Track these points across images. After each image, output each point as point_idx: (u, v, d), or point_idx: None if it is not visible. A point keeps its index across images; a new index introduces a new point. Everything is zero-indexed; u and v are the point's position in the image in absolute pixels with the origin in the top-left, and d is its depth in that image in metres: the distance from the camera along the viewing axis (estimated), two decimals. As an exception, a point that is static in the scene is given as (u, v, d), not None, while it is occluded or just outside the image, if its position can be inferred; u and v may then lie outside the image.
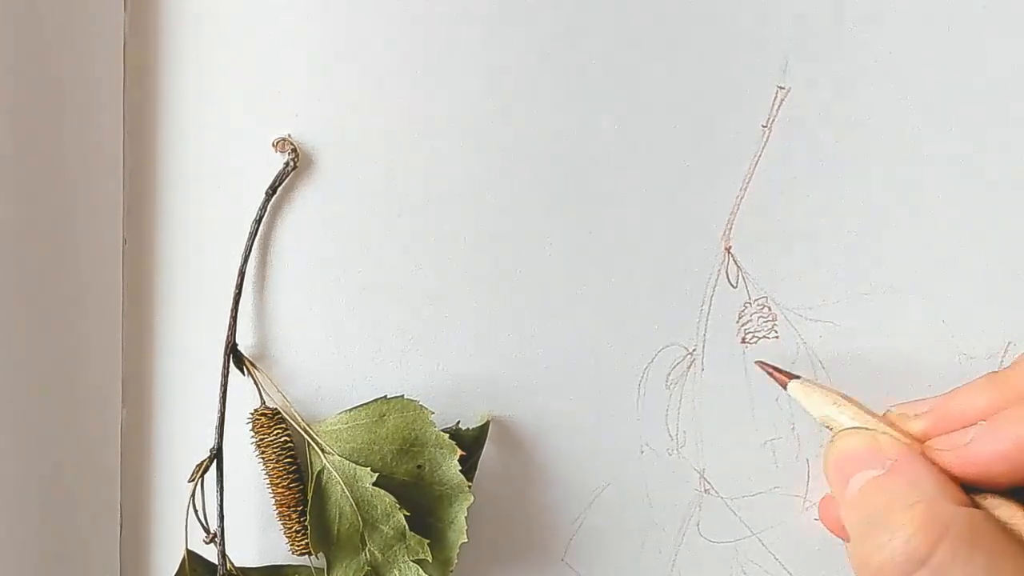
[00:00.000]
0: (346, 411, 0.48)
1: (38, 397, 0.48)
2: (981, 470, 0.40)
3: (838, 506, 0.45)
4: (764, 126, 0.49)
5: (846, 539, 0.43)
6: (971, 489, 0.41)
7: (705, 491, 0.51)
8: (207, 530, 0.48)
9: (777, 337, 0.49)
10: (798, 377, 0.47)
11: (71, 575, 0.50)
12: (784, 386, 0.47)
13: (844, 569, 0.50)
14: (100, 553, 0.51)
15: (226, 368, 0.49)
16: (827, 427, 0.45)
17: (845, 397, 0.45)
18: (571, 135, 0.49)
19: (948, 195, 0.49)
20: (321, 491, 0.47)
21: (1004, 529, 0.39)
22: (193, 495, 0.48)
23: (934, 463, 0.41)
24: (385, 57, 0.49)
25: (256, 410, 0.49)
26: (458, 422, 0.49)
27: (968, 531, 0.38)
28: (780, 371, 0.48)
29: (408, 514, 0.46)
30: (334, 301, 0.50)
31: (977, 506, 0.40)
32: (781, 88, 0.49)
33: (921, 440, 0.43)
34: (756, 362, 0.49)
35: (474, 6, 0.49)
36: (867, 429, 0.44)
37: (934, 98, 0.49)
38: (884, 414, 0.45)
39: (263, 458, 0.49)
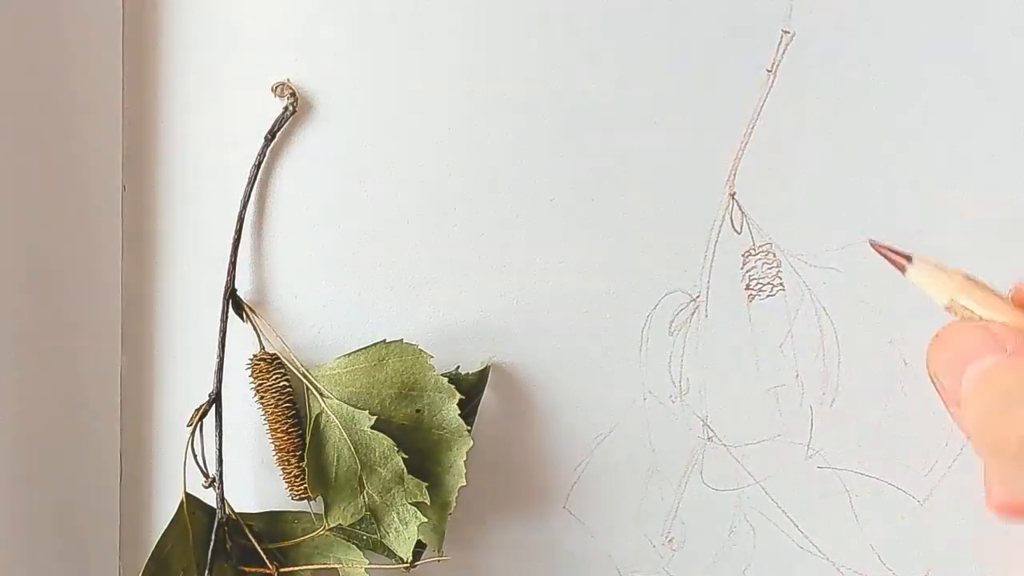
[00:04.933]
0: (345, 355, 0.48)
1: (37, 342, 0.48)
2: None
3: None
4: (768, 71, 0.49)
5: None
6: None
7: (708, 438, 0.50)
8: (206, 474, 0.48)
9: (781, 283, 0.49)
10: (909, 258, 0.45)
11: (72, 519, 0.50)
12: (903, 269, 0.45)
13: (847, 516, 0.50)
14: (101, 497, 0.51)
15: (225, 313, 0.49)
16: (951, 312, 0.44)
17: (969, 279, 0.44)
18: (573, 79, 0.49)
19: (953, 140, 0.48)
20: (319, 434, 0.47)
21: None
22: (192, 439, 0.48)
23: None
24: (384, 1, 0.49)
25: (255, 355, 0.49)
26: (457, 367, 0.49)
27: None
28: (896, 252, 0.46)
29: (406, 457, 0.46)
30: (333, 246, 0.50)
31: None
32: (786, 32, 0.48)
33: None
34: (870, 243, 0.47)
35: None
36: (978, 321, 0.42)
37: (940, 42, 0.48)
38: (1011, 295, 0.44)
39: (262, 403, 0.49)
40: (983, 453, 0.39)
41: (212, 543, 0.48)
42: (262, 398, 0.49)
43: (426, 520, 0.47)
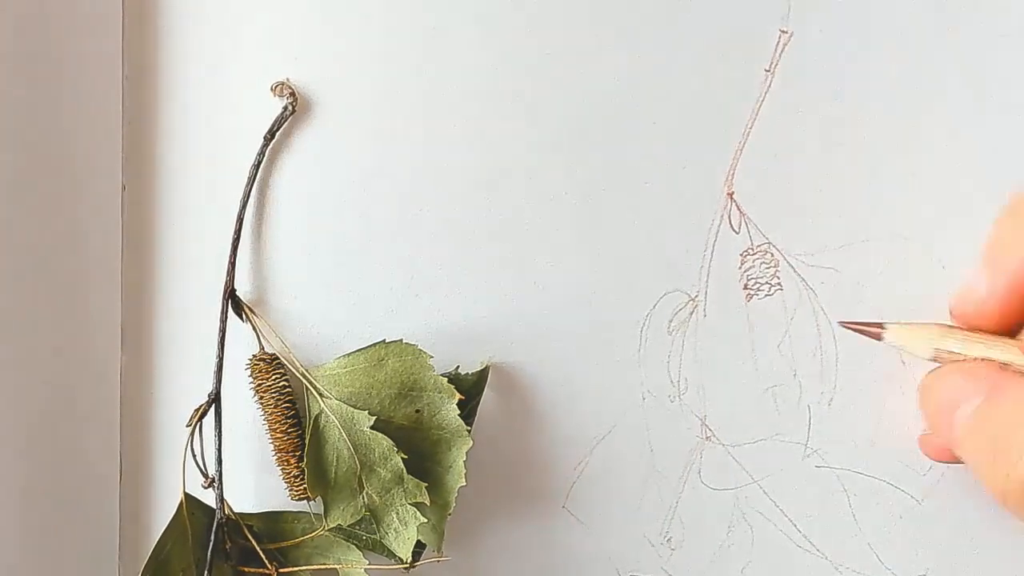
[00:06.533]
0: (344, 355, 0.48)
1: (37, 343, 0.48)
2: None
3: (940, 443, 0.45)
4: (767, 70, 0.49)
5: (952, 460, 0.44)
6: None
7: (706, 438, 0.50)
8: (205, 474, 0.48)
9: (779, 283, 0.49)
10: (882, 325, 0.46)
11: (72, 519, 0.50)
12: (879, 338, 0.46)
13: (845, 515, 0.50)
14: (100, 497, 0.51)
15: (224, 313, 0.49)
16: (938, 361, 0.45)
17: (943, 325, 0.45)
18: (573, 79, 0.49)
19: (950, 140, 0.48)
20: (319, 434, 0.47)
21: None
22: (191, 439, 0.48)
23: None
24: (384, 1, 0.49)
25: (255, 355, 0.49)
26: (457, 367, 0.49)
27: None
28: (868, 324, 0.47)
29: (406, 457, 0.46)
30: (333, 246, 0.50)
31: None
32: (784, 32, 0.48)
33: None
34: (840, 323, 0.48)
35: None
36: (955, 362, 0.43)
37: (937, 42, 0.48)
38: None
39: (261, 403, 0.48)
40: (992, 495, 0.40)
41: (212, 543, 0.48)
42: (261, 398, 0.49)
43: (426, 520, 0.47)
